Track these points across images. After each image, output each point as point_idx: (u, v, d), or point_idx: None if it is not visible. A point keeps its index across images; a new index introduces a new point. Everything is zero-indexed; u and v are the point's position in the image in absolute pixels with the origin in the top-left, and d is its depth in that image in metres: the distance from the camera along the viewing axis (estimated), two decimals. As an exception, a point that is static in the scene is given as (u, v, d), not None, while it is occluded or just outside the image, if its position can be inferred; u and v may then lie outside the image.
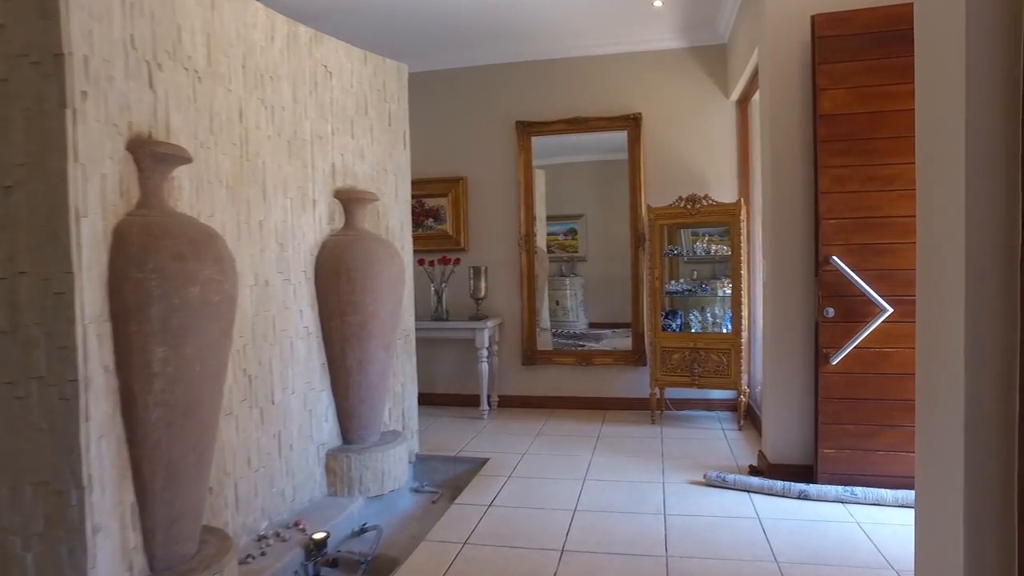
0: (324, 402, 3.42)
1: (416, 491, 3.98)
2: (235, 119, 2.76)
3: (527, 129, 5.48)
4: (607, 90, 5.36)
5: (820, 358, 3.47)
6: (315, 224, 3.35)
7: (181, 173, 2.35)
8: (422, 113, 5.56)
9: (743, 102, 5.12)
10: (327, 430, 3.45)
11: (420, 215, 5.65)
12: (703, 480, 3.68)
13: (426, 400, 5.48)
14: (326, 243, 3.42)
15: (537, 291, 5.78)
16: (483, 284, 5.36)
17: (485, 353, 5.18)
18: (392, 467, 3.59)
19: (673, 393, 5.21)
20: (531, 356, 5.57)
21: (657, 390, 5.04)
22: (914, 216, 3.35)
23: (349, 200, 3.54)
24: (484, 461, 4.15)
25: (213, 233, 2.13)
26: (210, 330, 2.00)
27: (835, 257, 3.40)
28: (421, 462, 4.15)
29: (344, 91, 3.57)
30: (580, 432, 4.80)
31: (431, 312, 5.36)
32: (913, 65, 3.34)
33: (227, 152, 2.69)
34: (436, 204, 5.66)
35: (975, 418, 1.38)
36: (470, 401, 5.41)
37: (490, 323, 5.26)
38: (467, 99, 5.61)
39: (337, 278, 3.36)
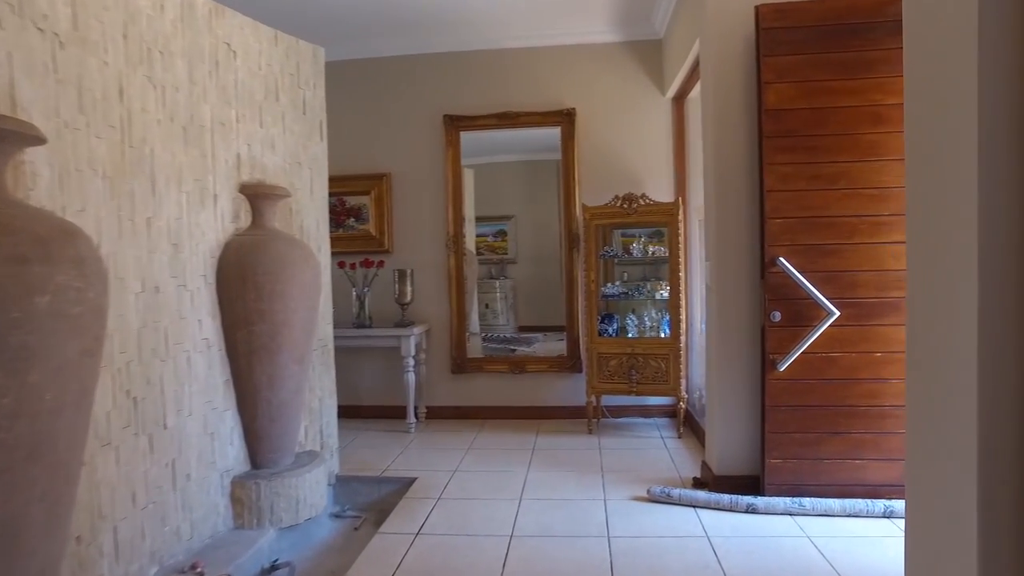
0: (229, 423, 3.01)
1: (337, 516, 3.60)
2: (114, 97, 2.33)
3: (455, 123, 5.17)
4: (540, 84, 5.11)
5: (766, 364, 3.31)
6: (217, 222, 2.94)
7: (36, 157, 1.92)
8: (343, 104, 5.17)
9: (679, 99, 4.98)
10: (233, 455, 3.04)
11: (341, 214, 5.26)
12: (647, 496, 3.47)
13: (349, 413, 5.09)
14: (230, 244, 3.01)
15: (467, 294, 5.48)
16: (409, 288, 5.01)
17: (411, 362, 4.83)
18: (308, 492, 3.21)
19: (609, 400, 5.01)
20: (461, 364, 5.26)
21: (594, 398, 4.82)
22: (859, 216, 3.25)
23: (257, 196, 3.14)
24: (411, 481, 3.81)
25: (72, 230, 1.72)
26: (66, 349, 1.60)
27: (782, 259, 3.25)
28: (342, 484, 3.77)
29: (251, 73, 3.17)
30: (514, 444, 4.53)
31: (353, 319, 4.97)
32: (858, 61, 3.23)
33: (103, 136, 2.27)
34: (358, 202, 5.28)
35: (991, 424, 1.21)
36: (396, 413, 5.05)
37: (416, 330, 4.92)
38: (392, 91, 5.25)
39: (243, 283, 2.96)
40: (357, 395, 5.29)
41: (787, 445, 3.32)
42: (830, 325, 3.23)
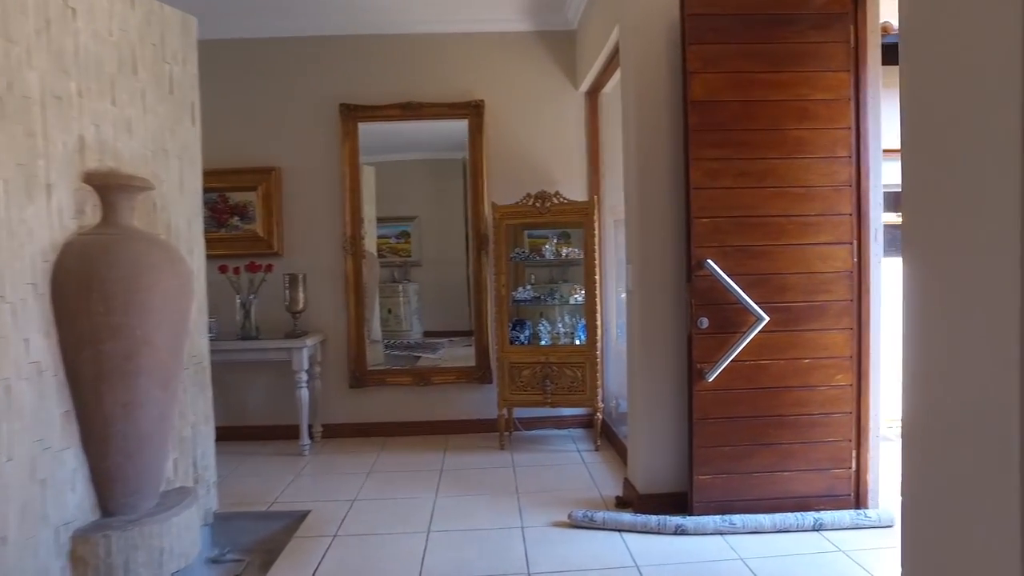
0: (69, 465, 2.43)
1: (215, 561, 3.07)
2: None
3: (353, 113, 4.69)
4: (446, 73, 4.72)
5: (693, 374, 3.07)
6: (51, 219, 2.36)
7: None
8: (225, 88, 4.59)
9: (593, 93, 4.72)
10: (74, 503, 2.45)
11: (223, 212, 4.65)
12: (568, 521, 3.15)
13: (234, 435, 4.51)
14: (71, 245, 2.43)
15: (367, 299, 5.01)
16: (301, 295, 4.48)
17: (305, 376, 4.31)
18: (176, 539, 2.66)
19: (522, 411, 4.67)
20: (360, 377, 4.77)
21: (506, 410, 4.47)
22: (787, 216, 3.03)
23: (108, 187, 2.57)
24: (304, 515, 3.32)
25: None
26: None
27: (710, 261, 3.01)
28: (222, 523, 3.23)
29: (99, 39, 2.60)
30: (420, 465, 4.10)
31: (237, 330, 4.38)
32: (786, 53, 3.02)
33: None
34: (243, 199, 4.68)
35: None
36: (289, 433, 4.49)
37: (310, 340, 4.40)
38: (281, 76, 4.70)
39: (87, 293, 2.39)
40: (243, 415, 4.69)
41: (716, 460, 3.09)
42: (759, 331, 3.03)
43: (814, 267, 3.07)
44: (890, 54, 3.25)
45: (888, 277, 3.19)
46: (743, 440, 3.09)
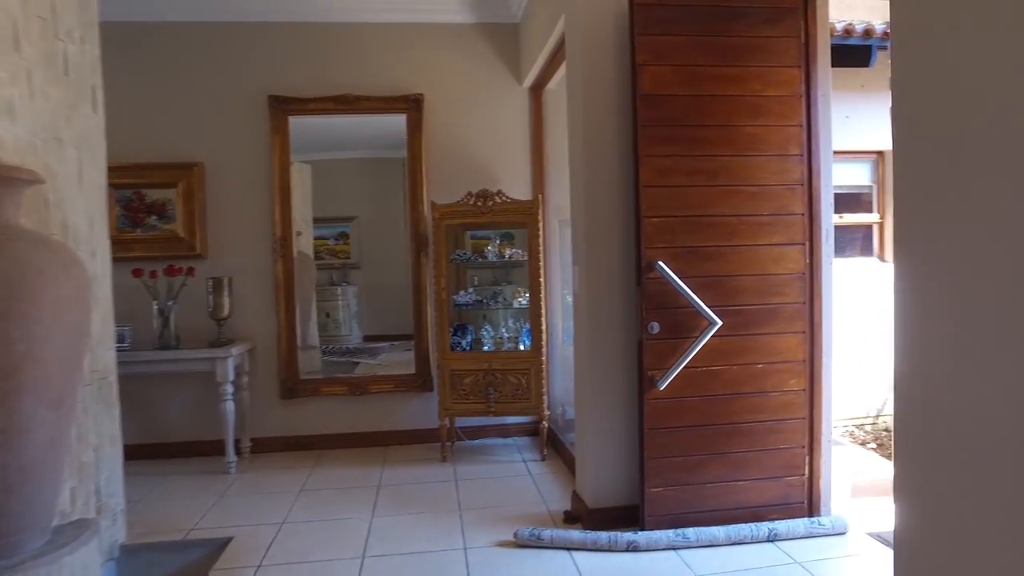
0: (-66, 503, 2.05)
1: (121, 600, 2.71)
2: None
3: (283, 106, 4.34)
4: (383, 65, 4.42)
5: (644, 382, 2.88)
6: (-93, 214, 1.98)
7: None
8: (141, 75, 4.20)
9: (538, 89, 4.50)
10: (-59, 547, 2.08)
11: (139, 210, 4.23)
12: (513, 540, 2.91)
13: (153, 453, 4.12)
14: (-64, 246, 2.05)
15: (303, 303, 4.68)
16: (227, 300, 4.10)
17: (230, 388, 3.94)
18: (71, 581, 2.30)
19: (465, 420, 4.42)
20: (292, 387, 4.42)
21: (447, 420, 4.20)
22: (739, 215, 2.84)
23: (-16, 179, 2.20)
24: (225, 543, 2.98)
25: None
26: None
27: (661, 263, 2.83)
28: (131, 556, 2.87)
29: (-31, 7, 2.22)
30: (356, 480, 3.79)
31: (155, 339, 3.97)
32: (739, 47, 2.86)
33: None
34: (161, 197, 4.27)
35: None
36: (214, 449, 4.10)
37: (236, 349, 4.03)
38: (205, 63, 4.30)
39: (-45, 302, 2.02)
40: (163, 431, 4.27)
41: (668, 471, 2.91)
42: (712, 336, 2.86)
43: (767, 269, 2.93)
44: (836, 56, 3.16)
45: (839, 279, 3.09)
46: (696, 450, 2.92)
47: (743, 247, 2.91)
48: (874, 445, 4.41)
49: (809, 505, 3.01)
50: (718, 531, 2.87)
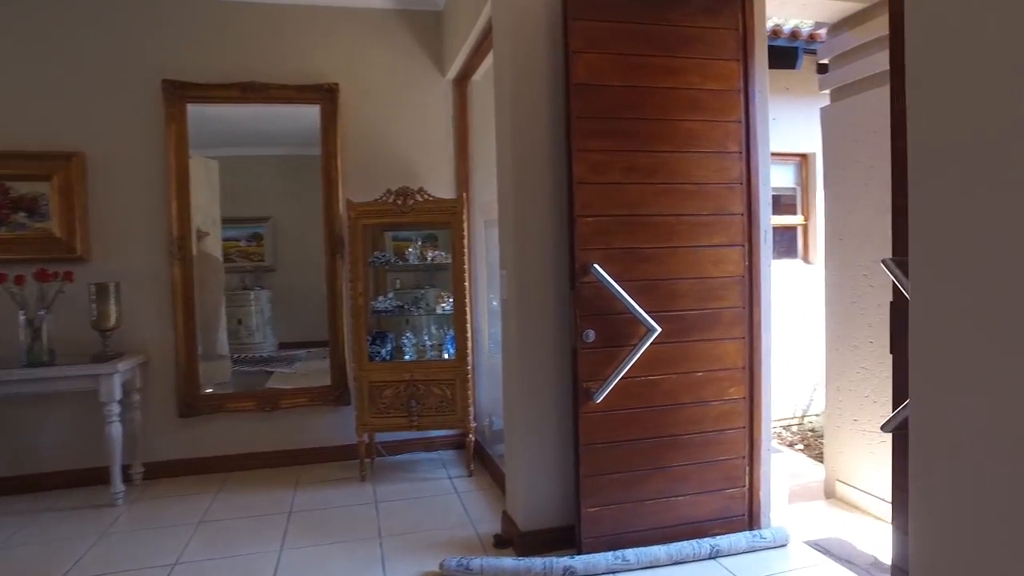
0: None
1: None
2: None
3: (180, 92, 3.83)
4: (295, 52, 3.99)
5: (579, 394, 2.62)
6: None
7: None
8: (4, 53, 3.59)
9: (462, 81, 4.19)
10: None
11: (4, 206, 3.62)
12: (439, 572, 2.59)
13: (24, 487, 3.59)
14: None
15: (209, 309, 4.21)
16: (113, 308, 3.57)
17: (117, 408, 3.41)
18: None
19: (387, 434, 4.05)
20: (192, 404, 3.92)
21: (367, 436, 3.83)
22: (677, 215, 2.61)
23: None
24: (102, 594, 2.52)
25: None
26: None
27: (597, 266, 2.58)
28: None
29: None
30: (265, 506, 3.37)
31: (22, 355, 3.38)
32: (677, 37, 2.65)
33: None
34: (31, 191, 3.66)
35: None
36: (98, 478, 3.55)
37: (125, 364, 3.51)
38: (84, 38, 3.73)
39: None
40: (35, 461, 3.67)
41: (606, 489, 2.66)
42: (651, 343, 2.63)
43: (706, 271, 2.73)
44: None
45: (777, 282, 2.93)
46: (634, 465, 2.69)
47: (682, 248, 2.71)
48: (801, 446, 4.35)
49: (750, 517, 2.83)
50: (659, 551, 2.64)
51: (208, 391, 4.05)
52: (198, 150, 4.07)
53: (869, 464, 3.18)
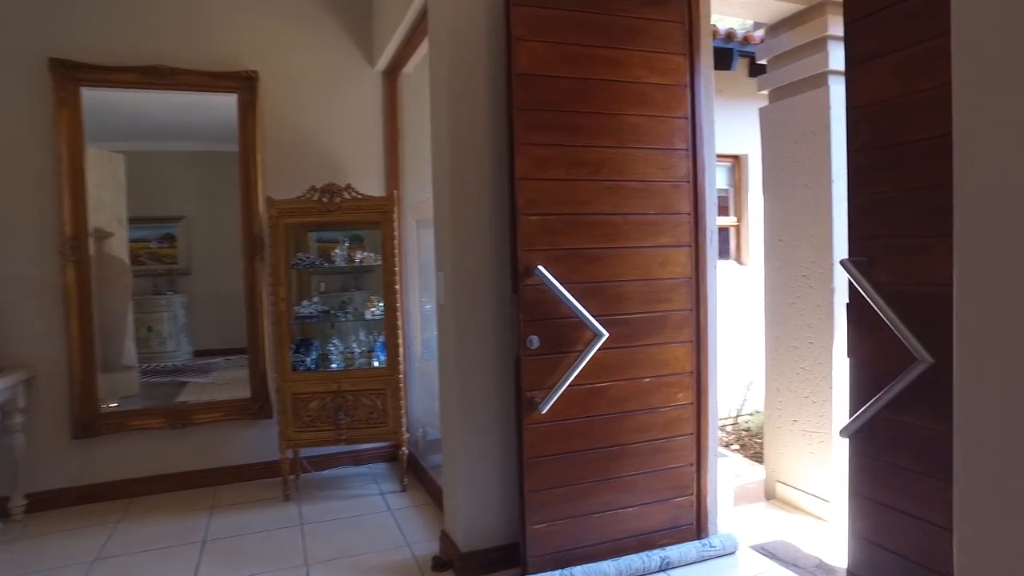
0: None
1: None
2: None
3: (73, 74, 3.39)
4: (209, 34, 3.61)
5: (523, 404, 2.43)
6: None
7: None
8: None
9: (392, 73, 3.92)
10: None
11: None
12: (374, 603, 2.34)
13: None
14: None
15: (113, 316, 3.80)
16: (-8, 317, 3.11)
17: (-3, 431, 2.97)
18: None
19: (314, 448, 3.73)
20: (90, 423, 3.47)
21: (291, 452, 3.51)
22: (624, 214, 2.40)
23: None
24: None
25: None
26: None
27: (541, 267, 2.39)
28: None
29: None
30: (174, 536, 3.00)
31: None
32: (623, 28, 2.48)
33: None
34: None
35: None
36: (-26, 510, 3.09)
37: (3, 381, 3.05)
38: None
39: None
40: None
41: (552, 504, 2.48)
42: (597, 349, 2.47)
43: (653, 273, 2.60)
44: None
45: (723, 283, 2.84)
46: (581, 477, 2.52)
47: (629, 249, 2.56)
48: (736, 447, 4.32)
49: (698, 526, 2.71)
50: (608, 567, 2.48)
51: (112, 406, 3.61)
52: (100, 142, 3.63)
53: (809, 465, 3.14)
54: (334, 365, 3.64)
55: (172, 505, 3.38)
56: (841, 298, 2.99)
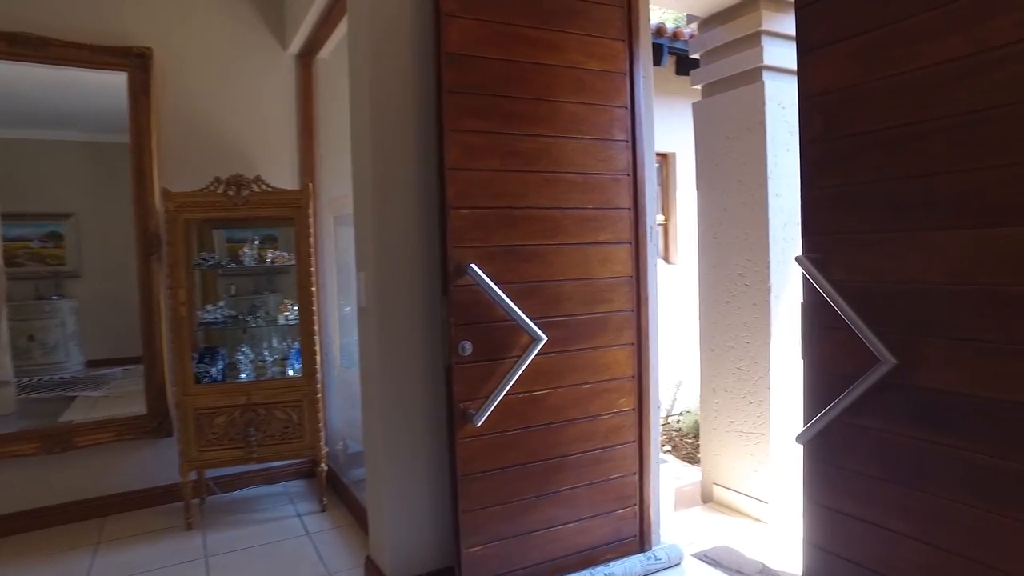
0: None
1: None
2: None
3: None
4: (92, 2, 3.16)
5: (456, 417, 2.18)
6: None
7: None
8: None
9: (307, 57, 3.57)
10: None
11: None
12: (289, 649, 2.03)
13: None
14: None
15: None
16: None
17: None
18: None
19: (221, 469, 3.33)
20: (-52, 449, 2.96)
21: (195, 474, 3.11)
22: (562, 208, 1.99)
23: None
24: None
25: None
26: None
27: (474, 266, 2.16)
28: None
29: None
30: (51, 578, 2.57)
31: None
32: (558, 9, 2.26)
33: None
34: None
35: None
36: None
37: None
38: None
39: None
40: None
41: (488, 524, 2.24)
42: (535, 354, 2.26)
43: (593, 272, 2.41)
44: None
45: (663, 283, 2.70)
46: (519, 494, 2.30)
47: (567, 246, 2.36)
48: (669, 447, 4.23)
49: (641, 538, 2.55)
50: (546, 589, 2.28)
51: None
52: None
53: (746, 466, 3.05)
54: (244, 375, 3.27)
55: (50, 543, 2.91)
56: (778, 297, 2.92)
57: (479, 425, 2.18)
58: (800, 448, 1.91)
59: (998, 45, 1.44)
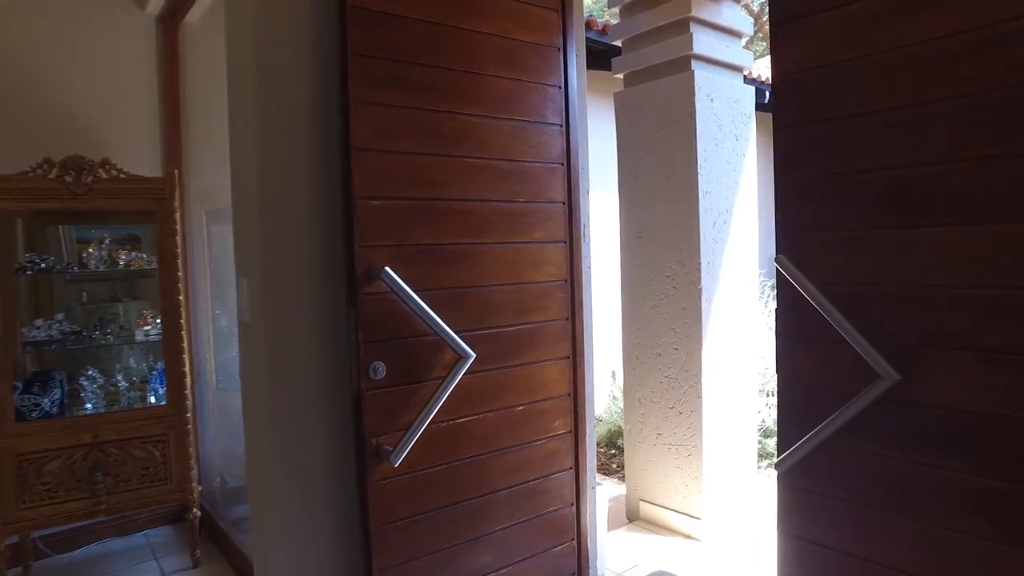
0: None
1: None
2: None
3: None
4: None
5: (367, 455, 1.74)
6: None
7: None
8: None
9: (170, 20, 2.94)
10: None
11: None
12: None
13: None
14: None
15: None
16: None
17: None
18: None
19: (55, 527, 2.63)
20: None
21: (16, 537, 2.42)
22: (490, 201, 1.32)
23: None
24: None
25: None
26: None
27: (389, 269, 1.73)
28: None
29: None
30: None
31: None
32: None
33: None
34: None
35: None
36: None
37: None
38: None
39: None
40: None
41: (410, 581, 1.82)
42: (462, 374, 1.87)
43: (526, 275, 2.05)
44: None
45: (599, 288, 2.39)
46: (444, 541, 1.89)
47: (497, 246, 1.98)
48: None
49: (579, 574, 2.23)
50: (481, 652, 1.89)
51: None
52: None
53: (676, 481, 2.81)
54: (89, 406, 2.60)
55: None
56: (709, 300, 2.70)
57: (397, 465, 1.75)
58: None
59: (1015, 15, 1.24)
